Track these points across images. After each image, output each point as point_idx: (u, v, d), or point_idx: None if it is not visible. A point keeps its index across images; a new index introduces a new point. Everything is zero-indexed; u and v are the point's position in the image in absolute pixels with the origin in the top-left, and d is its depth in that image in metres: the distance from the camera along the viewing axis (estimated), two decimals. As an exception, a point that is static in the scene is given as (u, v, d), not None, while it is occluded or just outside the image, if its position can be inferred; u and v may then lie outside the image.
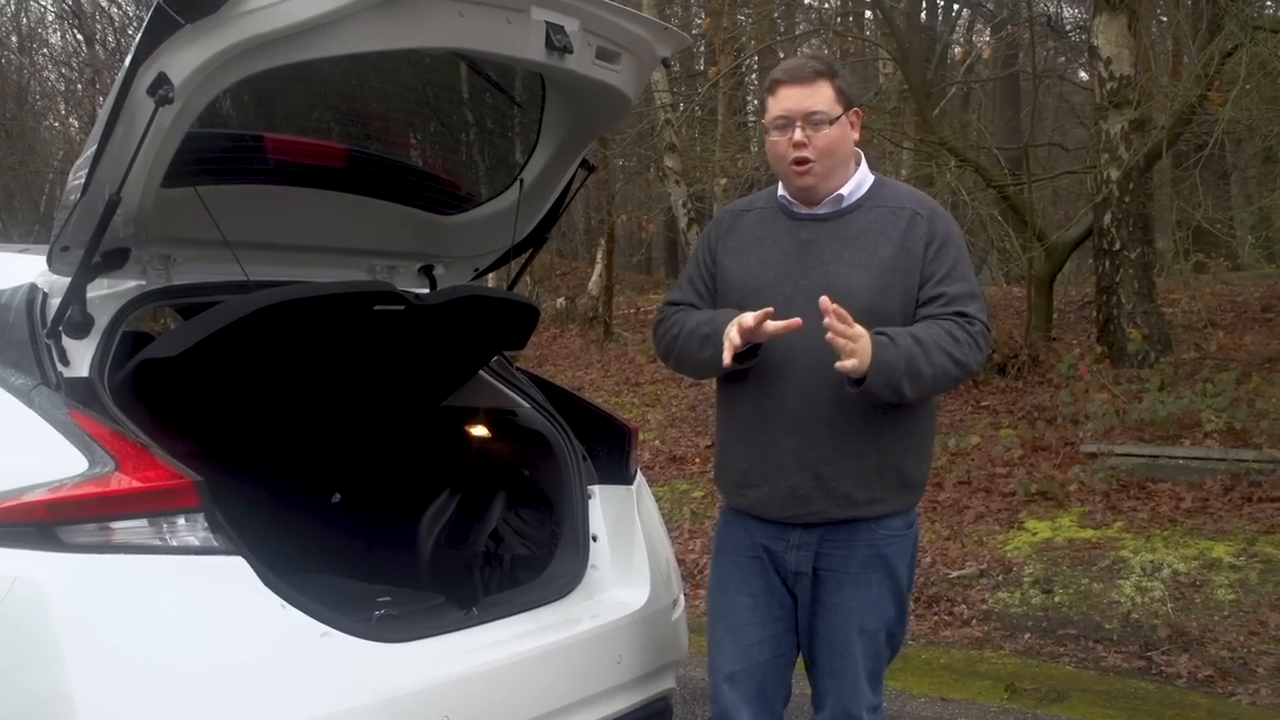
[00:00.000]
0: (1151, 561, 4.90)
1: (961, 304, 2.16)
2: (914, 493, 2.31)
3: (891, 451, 2.21)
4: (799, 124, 2.17)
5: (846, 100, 2.21)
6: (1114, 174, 7.64)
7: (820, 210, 2.25)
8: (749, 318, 2.09)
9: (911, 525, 2.31)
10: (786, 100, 2.19)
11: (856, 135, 2.25)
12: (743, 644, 2.32)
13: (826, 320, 2.01)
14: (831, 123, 2.17)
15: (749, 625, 2.32)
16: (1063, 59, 14.73)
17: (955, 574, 5.25)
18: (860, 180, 2.27)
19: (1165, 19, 12.31)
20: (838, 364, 2.03)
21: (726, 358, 2.11)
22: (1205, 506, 5.36)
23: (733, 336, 2.10)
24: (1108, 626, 4.57)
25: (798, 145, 2.18)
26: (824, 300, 2.02)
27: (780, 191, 2.31)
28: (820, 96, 2.18)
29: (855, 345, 2.03)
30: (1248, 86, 6.84)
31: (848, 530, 2.22)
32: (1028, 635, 4.65)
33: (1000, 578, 5.14)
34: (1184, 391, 6.40)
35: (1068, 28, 14.47)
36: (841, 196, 2.24)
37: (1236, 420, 5.86)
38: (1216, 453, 5.70)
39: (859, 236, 2.20)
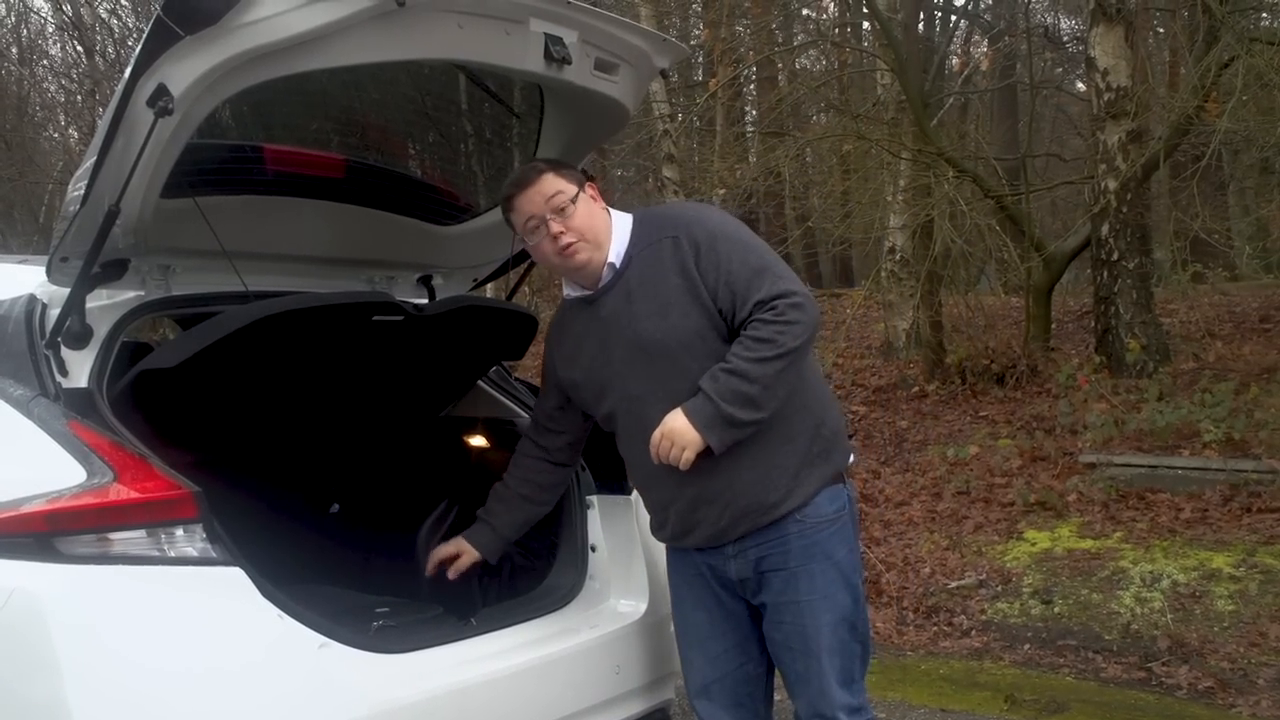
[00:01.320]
0: (1151, 572, 4.89)
1: (754, 290, 2.13)
2: (827, 460, 2.27)
3: (775, 444, 2.20)
4: (548, 217, 2.21)
5: (577, 180, 2.26)
6: (1112, 184, 7.66)
7: (603, 284, 2.27)
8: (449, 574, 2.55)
9: (842, 511, 2.29)
10: (526, 205, 2.24)
11: (602, 205, 2.29)
12: (709, 657, 2.37)
13: (653, 456, 2.16)
14: (574, 201, 2.22)
15: (710, 638, 2.37)
16: (1060, 70, 14.78)
17: (954, 584, 5.24)
18: (620, 238, 2.27)
19: (1162, 30, 12.37)
20: (680, 468, 2.14)
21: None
22: (1204, 517, 5.36)
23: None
24: (1107, 637, 4.56)
25: (556, 235, 2.22)
26: (652, 457, 2.16)
27: (566, 291, 2.36)
28: (551, 184, 2.23)
29: (674, 446, 2.13)
30: (1245, 98, 6.86)
31: (777, 528, 2.23)
32: (1027, 646, 4.64)
33: (999, 588, 5.13)
34: (1182, 402, 6.40)
35: (1065, 39, 14.53)
36: (613, 264, 2.26)
37: (1235, 430, 5.85)
38: (1215, 463, 5.70)
39: (640, 286, 2.23)
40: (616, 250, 2.26)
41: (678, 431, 2.12)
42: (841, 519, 2.30)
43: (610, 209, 2.32)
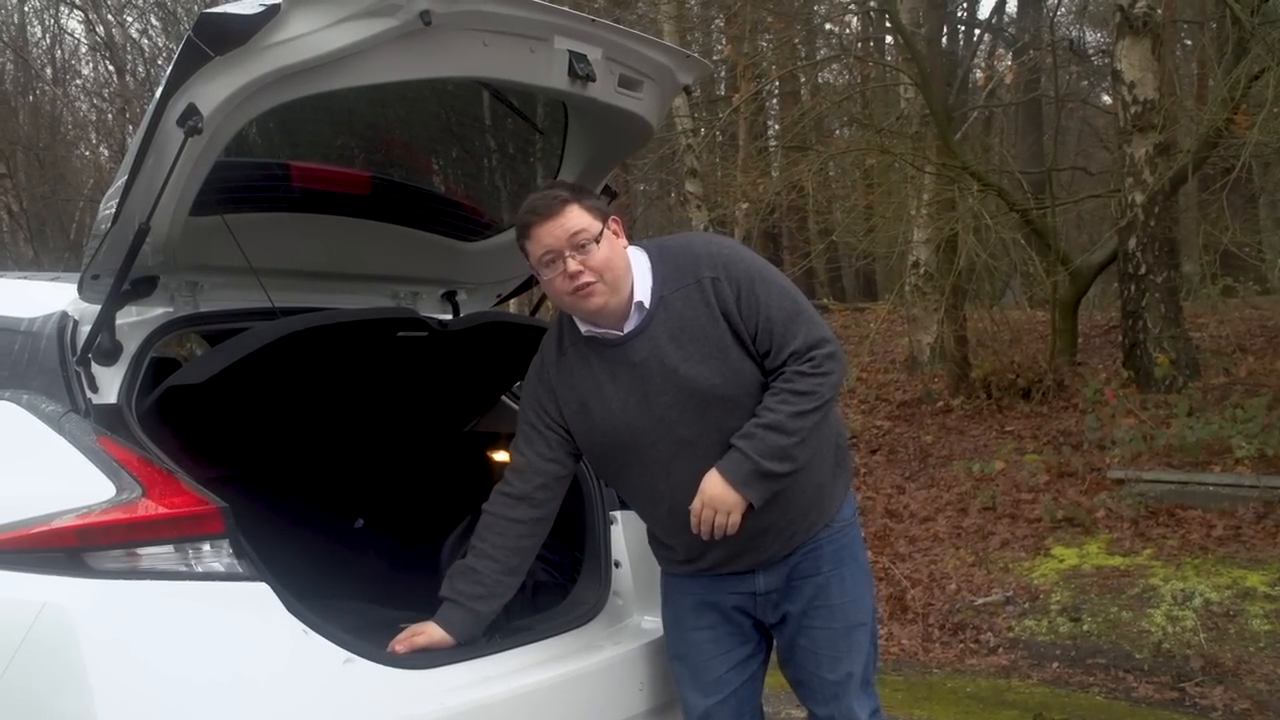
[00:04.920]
0: (1183, 590, 4.82)
1: (790, 338, 2.10)
2: (844, 470, 2.34)
3: (814, 464, 2.21)
4: (567, 253, 2.10)
5: (601, 214, 2.15)
6: (1139, 198, 7.60)
7: (631, 325, 2.16)
8: (397, 646, 2.16)
9: (855, 513, 2.36)
10: (545, 237, 2.11)
11: (624, 242, 2.18)
12: (710, 679, 2.34)
13: (694, 530, 2.12)
14: (597, 240, 2.11)
15: (714, 659, 2.33)
16: (1085, 83, 14.70)
17: (981, 601, 5.19)
18: (643, 276, 2.16)
19: (1190, 42, 12.28)
20: (728, 534, 2.11)
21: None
22: (1237, 534, 5.28)
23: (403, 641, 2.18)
24: (1138, 656, 4.49)
25: (574, 274, 2.10)
26: (693, 526, 2.12)
27: (583, 329, 2.20)
28: (575, 219, 2.10)
29: (715, 512, 2.09)
30: (1275, 110, 6.78)
31: (811, 537, 2.26)
32: (1056, 664, 4.58)
33: (1027, 605, 5.07)
34: (1213, 417, 6.31)
35: (1090, 52, 14.45)
36: (642, 304, 2.15)
37: (1269, 446, 5.76)
38: (1248, 479, 5.62)
39: (683, 329, 2.13)
40: (644, 290, 2.15)
41: (719, 498, 2.09)
42: (856, 521, 2.35)
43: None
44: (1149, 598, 4.84)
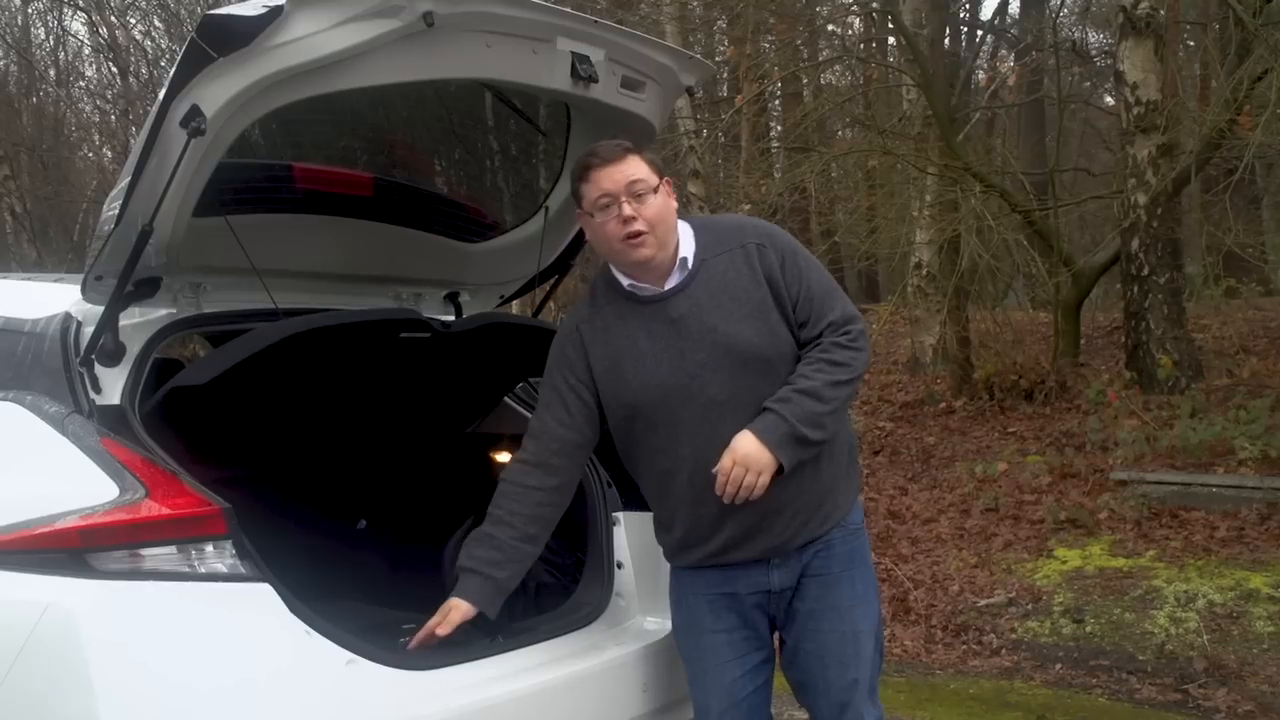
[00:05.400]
0: (1186, 591, 4.81)
1: (828, 310, 2.17)
2: (855, 472, 2.36)
3: (832, 454, 2.23)
4: (623, 199, 2.13)
5: (659, 171, 2.20)
6: (1141, 199, 7.59)
7: (673, 283, 2.19)
8: (438, 629, 2.17)
9: (863, 519, 2.37)
10: (604, 181, 2.14)
11: (675, 204, 2.23)
12: (725, 682, 2.32)
13: (719, 490, 2.08)
14: (654, 191, 2.15)
15: (729, 663, 2.31)
16: (1088, 84, 14.67)
17: (983, 602, 5.19)
18: (686, 240, 2.22)
19: (1193, 43, 12.26)
20: (754, 495, 2.08)
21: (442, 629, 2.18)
22: (1241, 536, 5.27)
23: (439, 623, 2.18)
24: (1141, 658, 4.49)
25: (628, 219, 2.12)
26: (719, 485, 2.08)
27: (624, 282, 2.22)
28: (635, 168, 2.15)
29: (747, 473, 2.07)
30: (1278, 111, 6.77)
31: (824, 534, 2.26)
32: (1059, 666, 4.57)
33: (1030, 606, 5.07)
34: (1216, 418, 6.30)
35: (1093, 53, 14.44)
36: (686, 260, 2.19)
37: (1272, 448, 5.76)
38: (1251, 480, 5.61)
39: (725, 289, 2.17)
40: (689, 250, 2.20)
41: (751, 456, 2.07)
42: (864, 528, 2.37)
43: None
44: (1152, 599, 4.84)
